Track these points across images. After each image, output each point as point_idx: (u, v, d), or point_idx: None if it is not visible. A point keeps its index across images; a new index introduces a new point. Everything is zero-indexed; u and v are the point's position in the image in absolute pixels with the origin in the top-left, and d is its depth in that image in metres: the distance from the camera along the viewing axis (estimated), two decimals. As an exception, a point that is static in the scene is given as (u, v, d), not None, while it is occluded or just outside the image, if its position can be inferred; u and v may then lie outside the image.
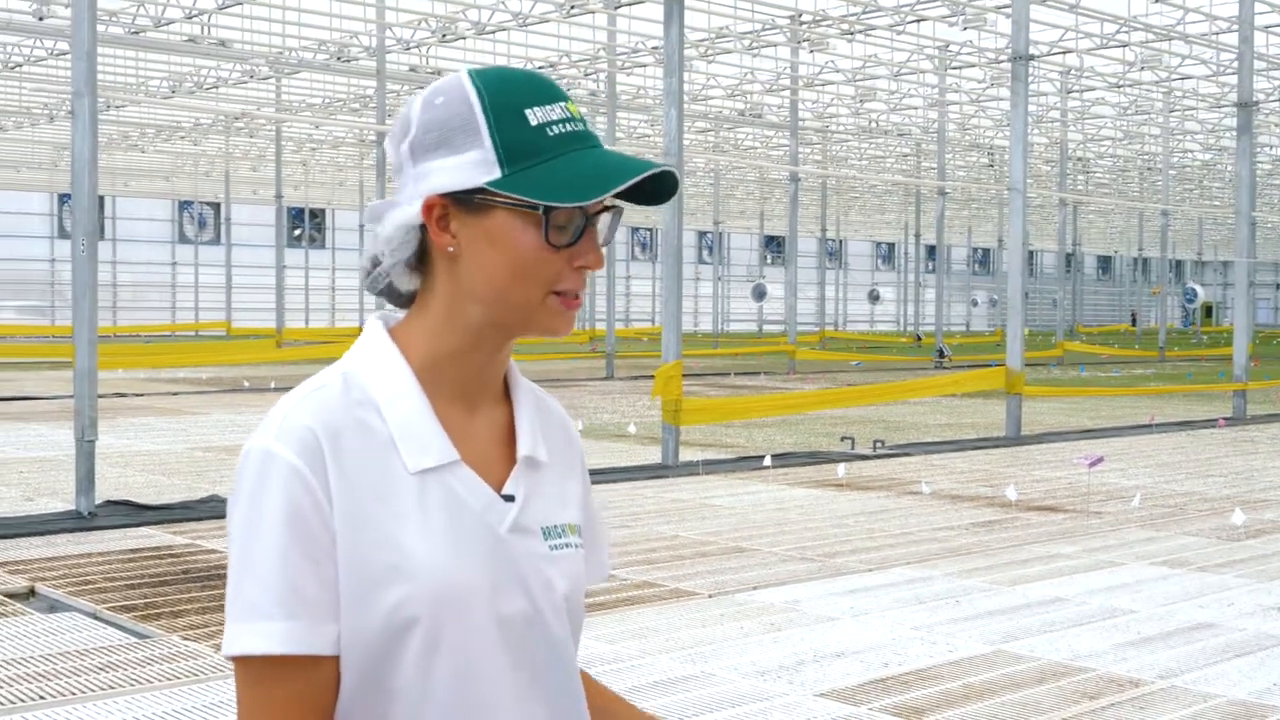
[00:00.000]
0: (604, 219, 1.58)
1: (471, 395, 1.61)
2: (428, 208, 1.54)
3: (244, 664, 1.48)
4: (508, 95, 1.54)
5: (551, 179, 1.50)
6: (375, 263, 1.60)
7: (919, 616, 7.57)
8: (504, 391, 1.66)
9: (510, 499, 1.58)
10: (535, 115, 1.53)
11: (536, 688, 1.58)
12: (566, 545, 1.63)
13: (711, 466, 13.93)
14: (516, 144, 1.52)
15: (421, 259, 1.59)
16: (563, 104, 1.55)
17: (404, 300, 1.63)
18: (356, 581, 1.49)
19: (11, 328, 46.56)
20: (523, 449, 1.62)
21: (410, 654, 1.50)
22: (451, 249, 1.55)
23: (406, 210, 1.56)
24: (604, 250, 1.59)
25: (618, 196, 1.56)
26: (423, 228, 1.56)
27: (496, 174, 1.51)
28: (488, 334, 1.57)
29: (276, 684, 1.47)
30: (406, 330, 1.60)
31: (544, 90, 1.56)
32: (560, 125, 1.54)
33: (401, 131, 1.58)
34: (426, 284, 1.59)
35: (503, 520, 1.56)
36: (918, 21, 27.33)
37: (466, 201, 1.53)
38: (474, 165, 1.52)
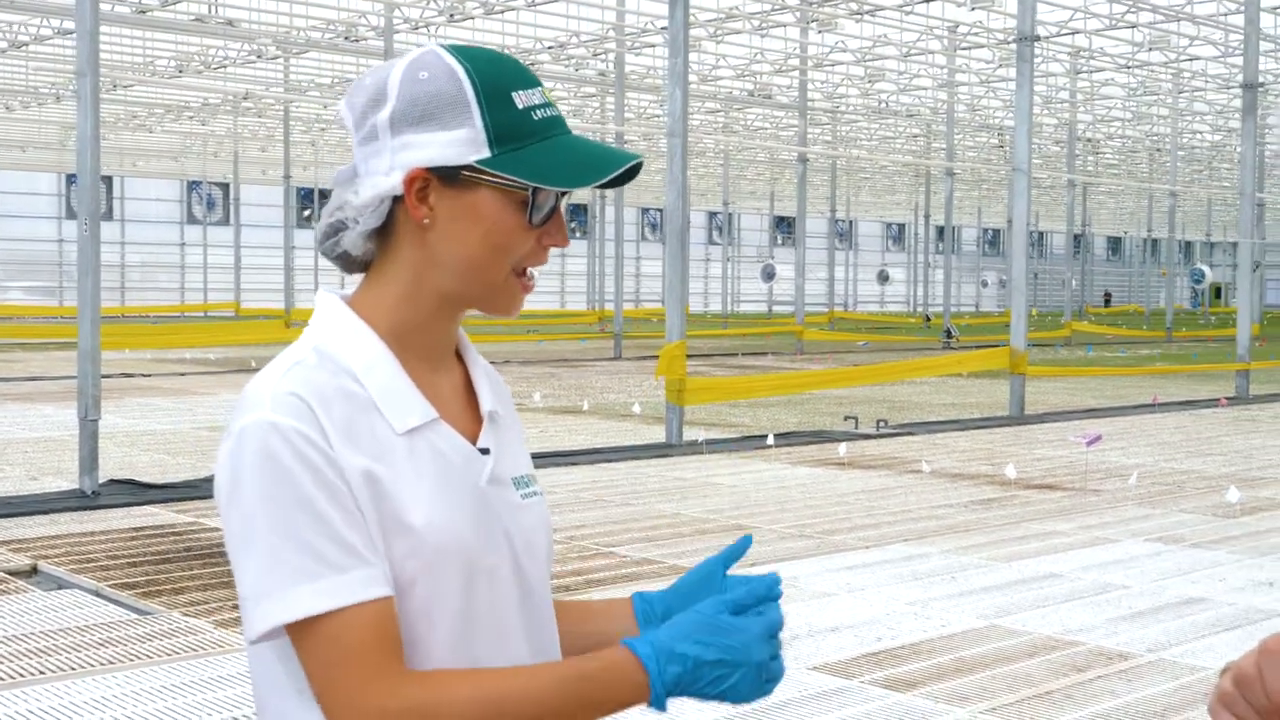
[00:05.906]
0: (564, 203, 1.66)
1: (434, 358, 1.67)
2: (410, 180, 1.59)
3: (310, 626, 1.48)
4: (495, 77, 1.60)
5: (540, 162, 1.58)
6: (335, 229, 1.64)
7: (914, 592, 7.63)
8: (454, 353, 1.73)
9: (485, 452, 1.65)
10: (521, 99, 1.60)
11: (519, 627, 1.65)
12: (534, 494, 1.71)
13: (715, 446, 13.98)
14: (505, 125, 1.58)
15: (383, 228, 1.64)
16: (541, 89, 1.63)
17: (356, 266, 1.68)
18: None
19: (19, 308, 46.74)
20: (485, 405, 1.69)
21: (416, 600, 1.55)
22: (426, 221, 1.60)
23: (385, 180, 1.60)
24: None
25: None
26: (395, 198, 1.60)
27: (486, 153, 1.58)
28: (451, 303, 1.64)
29: (342, 636, 1.48)
30: (367, 300, 1.65)
31: (525, 74, 1.63)
32: (542, 110, 1.61)
33: (372, 100, 1.61)
34: (388, 253, 1.64)
35: (481, 473, 1.63)
36: (927, 1, 27.28)
37: (451, 177, 1.59)
38: (464, 143, 1.58)
